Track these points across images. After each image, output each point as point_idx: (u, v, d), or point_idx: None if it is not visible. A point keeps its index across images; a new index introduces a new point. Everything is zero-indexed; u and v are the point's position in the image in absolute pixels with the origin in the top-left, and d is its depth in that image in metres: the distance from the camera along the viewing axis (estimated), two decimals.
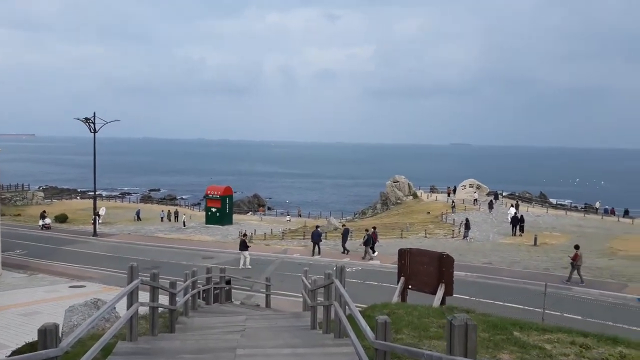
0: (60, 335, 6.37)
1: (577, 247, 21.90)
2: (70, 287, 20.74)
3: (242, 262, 25.74)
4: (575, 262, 21.07)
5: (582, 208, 62.46)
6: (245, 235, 30.46)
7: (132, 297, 6.99)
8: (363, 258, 27.20)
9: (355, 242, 31.94)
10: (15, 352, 8.98)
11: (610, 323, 15.07)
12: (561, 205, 67.33)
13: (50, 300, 17.55)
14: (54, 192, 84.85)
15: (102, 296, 13.32)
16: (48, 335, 4.08)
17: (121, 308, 8.05)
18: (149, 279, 7.90)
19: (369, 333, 4.96)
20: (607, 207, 57.63)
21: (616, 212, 52.82)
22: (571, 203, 72.85)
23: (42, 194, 69.29)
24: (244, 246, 26.18)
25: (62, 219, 48.06)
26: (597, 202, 62.45)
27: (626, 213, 52.76)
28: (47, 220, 41.68)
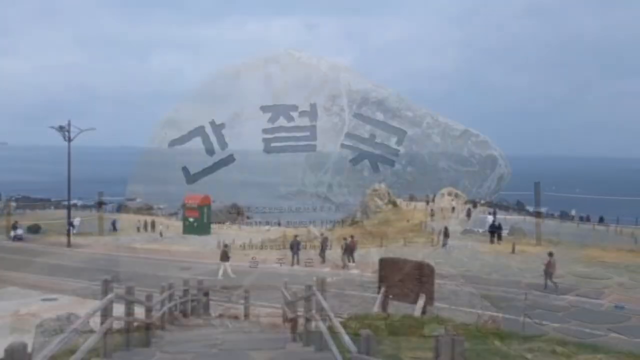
0: (29, 351, 6.10)
1: (550, 254, 22.15)
2: (42, 300, 20.15)
3: (220, 272, 25.35)
4: (548, 269, 21.32)
5: (558, 215, 63.39)
6: (226, 245, 30.06)
7: (106, 312, 6.77)
8: (342, 268, 27.07)
9: (335, 252, 31.78)
10: None
11: (587, 330, 15.21)
12: (538, 213, 68.08)
13: (21, 315, 17.01)
14: (26, 202, 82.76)
15: (76, 309, 12.95)
16: (15, 355, 3.87)
17: (96, 322, 7.79)
18: (124, 292, 7.68)
19: (352, 347, 4.85)
20: (582, 214, 58.58)
21: (591, 220, 53.64)
22: (547, 210, 73.76)
23: (14, 203, 67.59)
24: (225, 257, 25.82)
25: (35, 229, 46.79)
26: (573, 210, 63.47)
27: (601, 220, 53.59)
28: (19, 231, 40.55)
